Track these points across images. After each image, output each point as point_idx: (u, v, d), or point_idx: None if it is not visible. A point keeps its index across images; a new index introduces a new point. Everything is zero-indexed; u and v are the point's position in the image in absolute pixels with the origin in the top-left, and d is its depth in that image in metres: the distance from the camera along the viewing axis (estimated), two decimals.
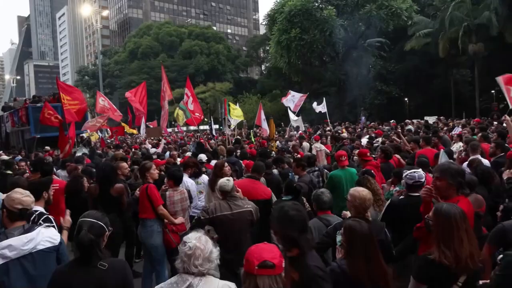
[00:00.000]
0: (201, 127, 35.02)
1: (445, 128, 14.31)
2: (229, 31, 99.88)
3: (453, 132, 12.76)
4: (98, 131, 19.00)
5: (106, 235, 2.57)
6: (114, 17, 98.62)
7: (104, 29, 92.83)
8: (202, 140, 14.72)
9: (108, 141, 20.51)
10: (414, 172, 3.96)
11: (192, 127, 42.32)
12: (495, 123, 13.46)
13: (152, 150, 11.94)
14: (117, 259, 2.85)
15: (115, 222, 4.95)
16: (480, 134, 8.25)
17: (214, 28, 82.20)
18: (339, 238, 2.95)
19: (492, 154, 6.26)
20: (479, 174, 4.93)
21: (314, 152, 9.37)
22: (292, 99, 16.14)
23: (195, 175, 6.27)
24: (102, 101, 14.27)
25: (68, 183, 5.57)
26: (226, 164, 5.95)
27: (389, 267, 2.86)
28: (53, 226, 3.33)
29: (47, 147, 12.72)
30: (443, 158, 5.87)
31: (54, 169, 6.71)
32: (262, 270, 1.95)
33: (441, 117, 20.97)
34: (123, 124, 20.91)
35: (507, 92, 9.94)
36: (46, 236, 2.97)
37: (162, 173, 6.60)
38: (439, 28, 30.93)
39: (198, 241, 2.18)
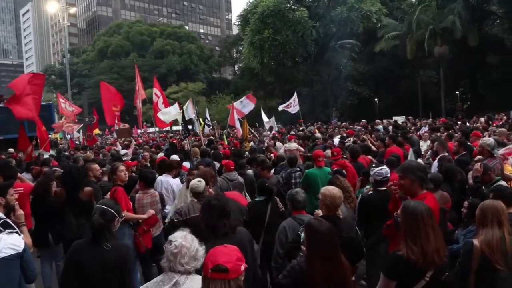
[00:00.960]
0: (174, 128, 34.54)
1: (413, 128, 14.78)
2: (201, 30, 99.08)
3: (420, 132, 13.21)
4: (64, 132, 18.37)
5: (117, 220, 3.05)
6: (82, 14, 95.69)
7: (71, 27, 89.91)
8: (174, 141, 14.55)
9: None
10: (381, 169, 4.29)
11: (164, 128, 41.72)
12: (459, 122, 14.04)
13: (123, 152, 11.67)
14: (121, 243, 3.25)
15: (85, 227, 4.80)
16: (445, 134, 8.59)
17: (187, 27, 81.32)
18: (302, 236, 2.99)
19: (456, 153, 6.53)
20: (443, 172, 5.12)
21: (281, 151, 9.35)
22: (247, 105, 15.70)
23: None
24: (63, 103, 13.79)
25: (34, 187, 5.35)
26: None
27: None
28: (16, 232, 3.18)
29: (11, 149, 12.18)
30: (411, 158, 6.07)
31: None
32: (215, 274, 1.92)
33: (410, 117, 21.66)
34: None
35: None
36: (8, 243, 2.85)
37: (134, 174, 6.46)
38: (407, 30, 31.91)
39: (184, 239, 2.19)
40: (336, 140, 11.20)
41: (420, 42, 30.46)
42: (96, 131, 21.78)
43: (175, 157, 7.47)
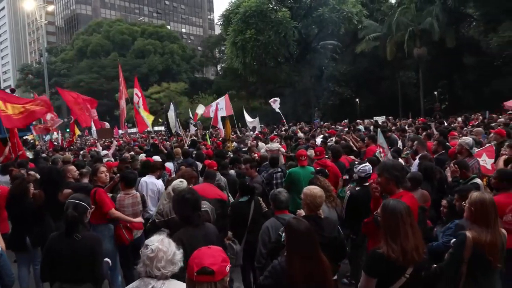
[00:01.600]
0: (155, 128, 34.16)
1: (394, 128, 15.03)
2: (183, 30, 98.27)
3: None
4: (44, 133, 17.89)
5: (89, 212, 3.44)
6: (61, 12, 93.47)
7: (49, 25, 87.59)
8: (156, 141, 14.38)
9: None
10: (365, 166, 4.51)
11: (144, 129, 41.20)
12: (432, 123, 14.32)
13: (103, 153, 11.46)
14: (91, 233, 3.58)
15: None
16: (424, 133, 8.78)
17: (168, 27, 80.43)
18: (283, 236, 3.01)
19: (435, 151, 6.69)
20: (423, 170, 5.23)
21: (263, 151, 9.38)
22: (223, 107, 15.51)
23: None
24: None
25: (11, 189, 5.20)
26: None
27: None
28: None
29: None
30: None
31: None
32: (201, 276, 1.91)
33: (390, 117, 22.02)
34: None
35: None
36: None
37: (115, 175, 6.36)
38: (387, 32, 32.45)
39: (161, 243, 2.15)
40: (319, 140, 11.29)
41: (400, 44, 31.02)
42: (77, 131, 21.34)
43: (157, 158, 7.39)
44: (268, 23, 33.99)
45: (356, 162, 5.64)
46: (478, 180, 4.67)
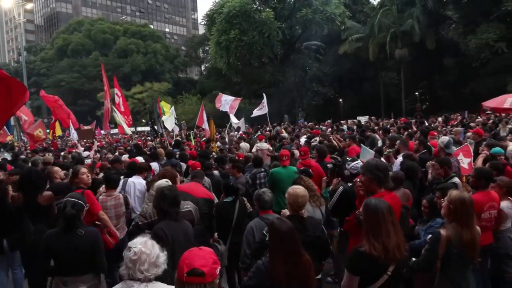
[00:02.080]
0: (138, 129, 33.77)
1: (376, 128, 15.25)
2: (167, 30, 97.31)
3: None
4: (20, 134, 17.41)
5: (85, 210, 3.64)
6: (40, 10, 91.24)
7: (28, 24, 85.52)
8: (139, 142, 14.22)
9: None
10: (357, 163, 4.59)
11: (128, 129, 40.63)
12: (413, 121, 14.60)
13: (85, 154, 11.26)
14: (91, 228, 3.66)
15: (44, 233, 4.58)
16: (406, 133, 8.94)
17: (151, 26, 79.46)
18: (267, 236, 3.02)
19: (416, 151, 6.81)
20: (405, 170, 5.32)
21: (253, 150, 9.47)
22: (226, 103, 15.94)
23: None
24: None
25: None
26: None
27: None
28: None
29: None
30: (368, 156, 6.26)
31: None
32: (191, 278, 1.90)
33: (372, 117, 22.35)
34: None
35: (499, 111, 11.54)
36: None
37: (97, 177, 6.27)
38: (369, 33, 32.90)
39: (144, 245, 2.12)
40: (303, 140, 11.35)
41: (382, 45, 31.51)
42: (58, 132, 20.85)
43: (140, 158, 7.30)
44: (252, 24, 34.02)
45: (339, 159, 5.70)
46: (456, 179, 4.77)
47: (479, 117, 14.92)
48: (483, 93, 22.96)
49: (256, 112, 16.33)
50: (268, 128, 18.64)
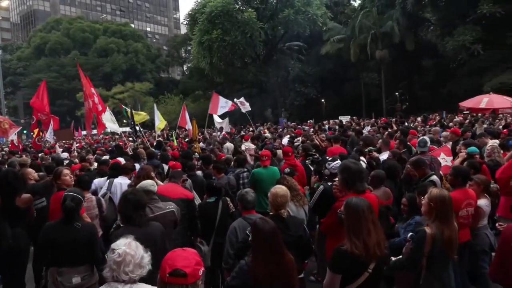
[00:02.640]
0: (120, 129, 33.18)
1: (357, 128, 15.45)
2: (148, 29, 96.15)
3: (364, 131, 13.83)
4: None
5: (82, 204, 3.77)
6: (16, 8, 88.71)
7: (3, 21, 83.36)
8: (121, 143, 14.00)
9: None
10: (337, 162, 4.52)
11: (109, 129, 39.95)
12: (394, 123, 14.87)
13: (63, 155, 11.02)
14: (88, 222, 3.92)
15: (22, 237, 4.46)
16: (386, 133, 9.09)
17: (132, 25, 78.34)
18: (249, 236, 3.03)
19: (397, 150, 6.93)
20: (386, 169, 5.41)
21: (243, 148, 9.48)
22: (225, 106, 15.75)
23: None
24: None
25: None
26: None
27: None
28: None
29: None
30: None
31: None
32: (173, 278, 1.90)
33: (354, 117, 22.65)
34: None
35: (476, 111, 11.90)
36: None
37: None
38: (350, 34, 33.35)
39: (128, 247, 2.10)
40: (285, 140, 11.40)
41: (363, 46, 31.97)
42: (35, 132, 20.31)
43: (120, 159, 7.17)
44: (235, 24, 33.96)
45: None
46: (434, 177, 4.88)
47: (456, 117, 15.31)
48: (460, 93, 23.61)
49: (243, 109, 16.31)
50: (251, 128, 18.65)
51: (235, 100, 16.39)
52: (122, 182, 5.72)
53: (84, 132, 26.54)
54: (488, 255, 4.27)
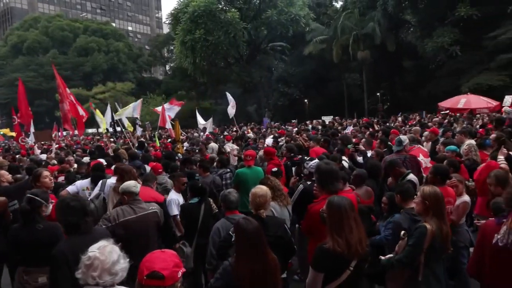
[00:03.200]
0: (100, 130, 32.64)
1: (340, 127, 15.63)
2: (130, 28, 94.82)
3: (346, 131, 14.01)
4: None
5: (45, 206, 3.68)
6: None
7: None
8: (102, 143, 13.77)
9: None
10: (315, 162, 4.61)
11: (90, 130, 39.23)
12: (376, 123, 15.11)
13: (43, 156, 10.76)
14: (52, 223, 3.66)
15: None
16: (368, 132, 9.22)
17: (114, 24, 77.15)
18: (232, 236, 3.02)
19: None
20: (369, 168, 5.49)
21: (227, 149, 9.45)
22: (172, 109, 15.63)
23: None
24: None
25: None
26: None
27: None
28: None
29: None
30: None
31: None
32: (150, 280, 1.87)
33: (336, 117, 22.87)
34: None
35: (454, 111, 12.10)
36: None
37: (57, 180, 6.02)
38: (333, 35, 33.68)
39: (100, 251, 2.04)
40: (269, 140, 11.42)
41: (345, 47, 32.33)
42: (11, 132, 19.79)
43: (101, 161, 7.04)
44: (218, 24, 33.86)
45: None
46: (411, 176, 4.97)
47: (435, 117, 15.65)
48: (439, 94, 24.14)
49: (231, 111, 16.27)
50: (234, 129, 18.62)
51: (230, 103, 16.34)
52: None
53: (64, 133, 25.95)
54: (467, 250, 4.37)
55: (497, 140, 5.92)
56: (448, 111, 14.97)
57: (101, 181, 5.59)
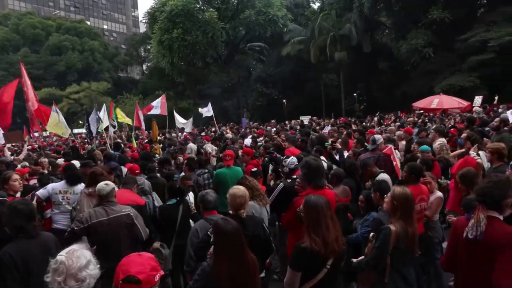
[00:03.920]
0: (75, 131, 31.87)
1: (318, 127, 15.78)
2: (105, 27, 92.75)
3: (324, 131, 14.16)
4: None
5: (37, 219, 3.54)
6: None
7: None
8: (76, 144, 13.42)
9: None
10: (292, 158, 4.69)
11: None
12: (353, 123, 15.37)
13: (12, 158, 10.38)
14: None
15: None
16: (345, 132, 9.36)
17: (88, 23, 75.28)
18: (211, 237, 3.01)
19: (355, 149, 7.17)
20: (347, 167, 5.58)
21: (209, 150, 9.39)
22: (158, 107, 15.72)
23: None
24: None
25: None
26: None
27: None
28: None
29: None
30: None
31: None
32: (126, 285, 1.84)
33: (314, 117, 23.10)
34: None
35: (428, 110, 12.33)
36: None
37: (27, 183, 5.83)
38: (310, 36, 33.98)
39: (68, 255, 1.95)
40: (248, 140, 11.42)
41: (323, 48, 32.69)
42: None
43: (76, 162, 6.87)
44: (195, 23, 33.62)
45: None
46: (382, 175, 5.07)
47: (410, 117, 16.04)
48: (414, 94, 24.76)
49: (205, 113, 16.19)
50: (213, 129, 18.52)
51: (199, 109, 16.43)
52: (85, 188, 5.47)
53: (36, 134, 25.14)
54: (441, 245, 4.50)
55: (468, 139, 6.13)
56: (422, 111, 15.40)
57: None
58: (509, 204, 2.56)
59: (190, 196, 5.34)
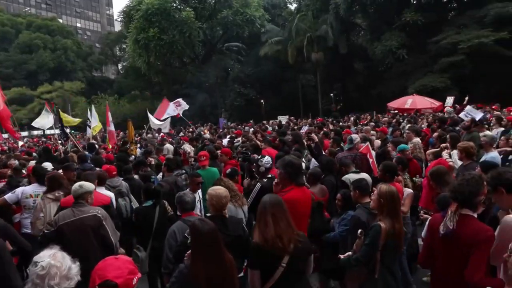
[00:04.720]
0: (48, 132, 30.86)
1: (296, 127, 15.91)
2: (78, 25, 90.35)
3: (301, 130, 14.28)
4: None
5: None
6: None
7: None
8: (49, 146, 13.04)
9: None
10: (267, 158, 4.88)
11: (35, 132, 36.95)
12: (330, 122, 15.58)
13: None
14: None
15: None
16: (322, 132, 9.48)
17: (60, 20, 73.18)
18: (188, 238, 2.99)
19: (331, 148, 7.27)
20: (325, 164, 5.64)
21: (188, 150, 9.28)
22: (172, 113, 15.52)
23: None
24: None
25: None
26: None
27: None
28: None
29: None
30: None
31: None
32: None
33: (292, 117, 23.27)
34: None
35: (402, 110, 12.49)
36: None
37: None
38: (288, 37, 34.22)
39: (53, 258, 1.92)
40: (225, 140, 11.39)
41: (300, 48, 32.97)
42: None
43: (48, 164, 6.67)
44: (172, 22, 33.26)
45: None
46: (362, 174, 5.16)
47: (385, 117, 16.40)
48: (388, 95, 25.30)
49: (179, 110, 15.98)
50: (191, 129, 18.37)
51: (170, 104, 16.14)
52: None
53: (5, 135, 24.24)
54: (410, 239, 4.72)
55: (440, 139, 6.31)
56: (396, 111, 15.74)
57: None
58: (481, 201, 2.64)
59: (199, 194, 5.29)
